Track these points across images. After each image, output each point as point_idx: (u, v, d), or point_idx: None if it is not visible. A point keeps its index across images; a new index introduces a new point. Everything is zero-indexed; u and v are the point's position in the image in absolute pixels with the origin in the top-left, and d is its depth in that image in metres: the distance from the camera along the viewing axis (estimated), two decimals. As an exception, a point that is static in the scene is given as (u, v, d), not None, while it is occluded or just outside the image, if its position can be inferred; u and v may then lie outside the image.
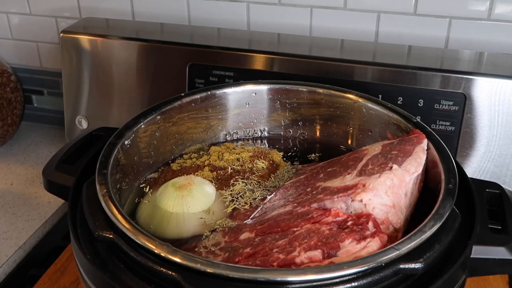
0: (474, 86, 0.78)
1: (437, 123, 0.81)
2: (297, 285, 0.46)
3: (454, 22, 0.88)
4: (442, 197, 0.55)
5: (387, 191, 0.55)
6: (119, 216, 0.52)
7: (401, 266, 0.48)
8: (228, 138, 0.79)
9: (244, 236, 0.57)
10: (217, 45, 0.89)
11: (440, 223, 0.51)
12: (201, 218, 0.62)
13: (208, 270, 0.46)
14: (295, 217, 0.56)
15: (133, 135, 0.67)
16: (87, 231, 0.56)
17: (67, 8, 1.06)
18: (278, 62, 0.86)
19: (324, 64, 0.84)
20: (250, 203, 0.64)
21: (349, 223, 0.53)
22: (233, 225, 0.60)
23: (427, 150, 0.62)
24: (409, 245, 0.48)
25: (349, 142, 0.77)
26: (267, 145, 0.79)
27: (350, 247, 0.49)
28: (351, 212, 0.55)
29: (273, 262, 0.50)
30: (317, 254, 0.49)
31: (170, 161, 0.74)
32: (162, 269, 0.48)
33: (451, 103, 0.79)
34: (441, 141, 0.64)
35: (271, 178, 0.70)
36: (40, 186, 0.96)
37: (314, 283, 0.46)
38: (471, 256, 0.54)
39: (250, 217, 0.62)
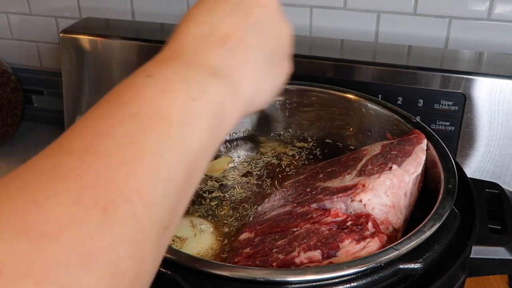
0: (474, 86, 0.78)
1: (437, 123, 0.80)
2: (297, 285, 0.46)
3: (454, 22, 0.88)
4: (441, 197, 0.55)
5: (386, 191, 0.55)
6: (118, 216, 0.52)
7: (401, 266, 0.48)
8: (228, 138, 0.79)
9: (243, 236, 0.57)
10: (217, 45, 0.89)
11: (440, 223, 0.51)
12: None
13: (208, 270, 0.46)
14: (294, 217, 0.56)
15: (133, 135, 0.67)
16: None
17: (67, 8, 1.06)
18: (278, 62, 0.86)
19: (324, 64, 0.84)
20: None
21: (349, 223, 0.53)
22: None
23: (426, 150, 0.62)
24: (408, 245, 0.48)
25: (349, 142, 0.77)
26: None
27: (349, 247, 0.49)
28: (350, 212, 0.55)
29: (273, 262, 0.50)
30: (316, 254, 0.49)
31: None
32: (161, 269, 0.48)
33: (451, 103, 0.79)
34: (441, 141, 0.64)
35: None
36: (40, 186, 0.95)
37: (314, 283, 0.46)
38: (471, 256, 0.54)
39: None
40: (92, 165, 0.27)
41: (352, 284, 0.47)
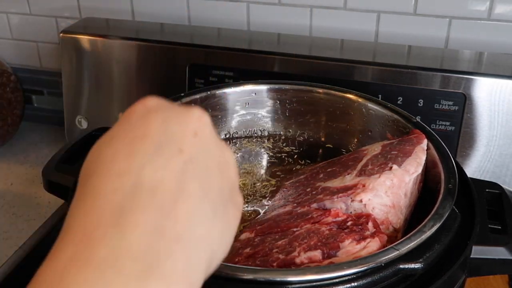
0: (474, 86, 0.78)
1: (437, 123, 0.81)
2: (297, 285, 0.46)
3: (454, 22, 0.88)
4: (441, 197, 0.55)
5: (386, 191, 0.55)
6: (119, 216, 0.52)
7: (401, 266, 0.48)
8: (229, 137, 0.79)
9: (243, 236, 0.57)
10: (217, 45, 0.89)
11: (440, 223, 0.51)
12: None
13: (208, 270, 0.46)
14: (295, 217, 0.56)
15: (133, 135, 0.67)
16: (87, 231, 0.56)
17: (67, 8, 1.06)
18: (278, 62, 0.86)
19: (324, 64, 0.84)
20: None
21: (349, 223, 0.53)
22: None
23: (427, 150, 0.62)
24: (408, 245, 0.48)
25: (349, 142, 0.77)
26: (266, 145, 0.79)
27: (350, 247, 0.49)
28: (351, 212, 0.55)
29: (273, 263, 0.50)
30: (317, 254, 0.49)
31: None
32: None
33: (451, 103, 0.79)
34: (441, 141, 0.64)
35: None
36: (40, 186, 0.95)
37: (314, 283, 0.46)
38: (471, 256, 0.54)
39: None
40: None
41: (353, 284, 0.47)
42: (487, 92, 0.78)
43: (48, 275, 0.24)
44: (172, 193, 0.27)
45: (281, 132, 0.80)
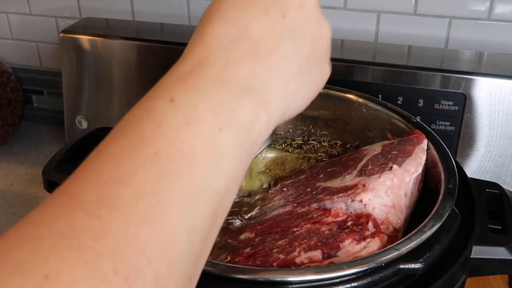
0: (474, 86, 0.78)
1: (437, 123, 0.81)
2: (297, 285, 0.46)
3: (454, 22, 0.88)
4: (442, 197, 0.55)
5: (387, 191, 0.55)
6: (119, 216, 0.52)
7: (401, 266, 0.48)
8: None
9: (244, 236, 0.57)
10: (217, 45, 0.89)
11: (440, 223, 0.51)
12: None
13: (208, 270, 0.46)
14: (295, 217, 0.56)
15: (133, 135, 0.67)
16: (87, 231, 0.56)
17: (67, 8, 1.06)
18: (278, 62, 0.86)
19: (324, 64, 0.84)
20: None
21: (349, 223, 0.53)
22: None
23: (427, 150, 0.62)
24: (409, 245, 0.48)
25: (349, 142, 0.77)
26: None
27: (350, 247, 0.49)
28: (351, 212, 0.55)
29: (273, 262, 0.50)
30: (317, 254, 0.49)
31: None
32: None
33: (451, 103, 0.79)
34: (441, 141, 0.64)
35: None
36: (40, 186, 0.96)
37: (314, 283, 0.46)
38: (471, 256, 0.54)
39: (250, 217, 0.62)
40: (110, 224, 0.24)
41: (353, 284, 0.47)
42: (487, 92, 0.78)
43: (172, 78, 0.32)
44: (269, 47, 0.34)
45: (281, 132, 0.80)
